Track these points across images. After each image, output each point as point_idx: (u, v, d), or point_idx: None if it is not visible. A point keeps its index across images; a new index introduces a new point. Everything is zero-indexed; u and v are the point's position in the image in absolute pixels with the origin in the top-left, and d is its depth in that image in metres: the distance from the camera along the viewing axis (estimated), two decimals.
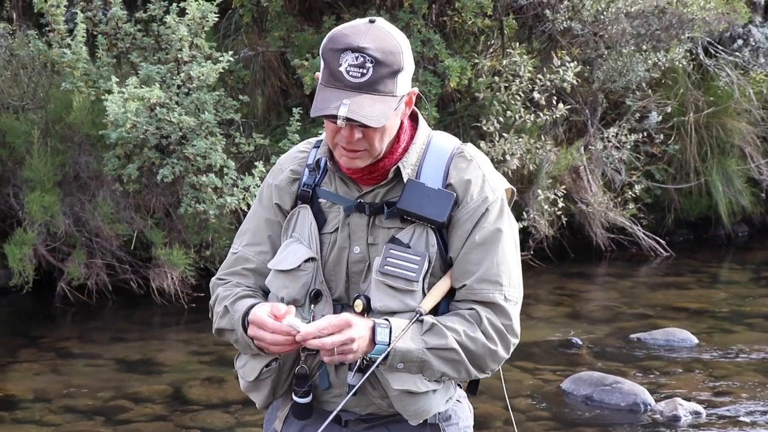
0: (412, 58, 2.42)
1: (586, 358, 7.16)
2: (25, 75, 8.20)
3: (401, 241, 2.45)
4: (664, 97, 10.34)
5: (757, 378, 6.79)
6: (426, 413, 2.49)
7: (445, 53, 8.58)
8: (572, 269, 9.70)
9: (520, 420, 5.94)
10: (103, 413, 5.99)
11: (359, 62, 2.32)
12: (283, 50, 8.82)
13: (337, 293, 2.50)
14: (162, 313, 8.00)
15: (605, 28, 9.52)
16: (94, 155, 7.96)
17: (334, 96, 2.33)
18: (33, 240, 7.75)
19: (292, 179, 2.58)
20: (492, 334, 2.44)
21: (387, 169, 2.47)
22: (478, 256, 2.46)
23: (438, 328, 2.42)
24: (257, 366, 2.53)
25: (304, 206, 2.54)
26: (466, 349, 2.42)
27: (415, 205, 2.44)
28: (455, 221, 2.47)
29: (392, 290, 2.43)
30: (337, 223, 2.51)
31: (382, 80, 2.33)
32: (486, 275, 2.45)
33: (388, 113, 2.35)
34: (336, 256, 2.50)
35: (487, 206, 2.47)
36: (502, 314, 2.46)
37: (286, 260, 2.51)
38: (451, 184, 2.48)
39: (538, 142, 9.15)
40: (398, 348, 2.37)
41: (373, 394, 2.47)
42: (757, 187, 10.94)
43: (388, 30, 2.38)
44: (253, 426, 5.74)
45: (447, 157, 2.50)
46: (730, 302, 8.77)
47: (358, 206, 2.48)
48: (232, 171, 7.71)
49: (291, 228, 2.55)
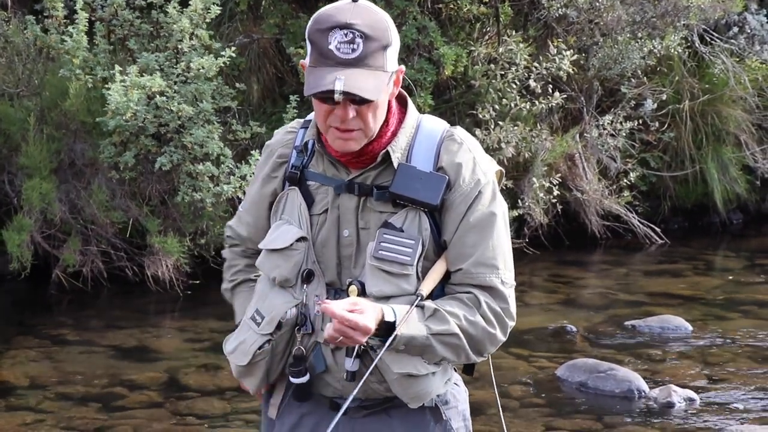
0: (397, 34, 2.42)
1: (581, 345, 7.18)
2: (20, 62, 8.18)
3: (394, 225, 2.45)
4: (660, 85, 10.34)
5: (751, 365, 6.81)
6: (426, 395, 2.49)
7: (440, 41, 8.57)
8: (567, 257, 9.71)
9: (515, 407, 5.96)
10: (98, 400, 6.00)
11: (349, 38, 2.33)
12: (278, 37, 8.81)
13: (329, 277, 2.50)
14: (157, 301, 8.00)
15: (600, 15, 9.51)
16: (90, 143, 7.95)
17: (326, 73, 2.33)
18: (30, 226, 7.75)
19: (280, 163, 2.59)
20: (491, 318, 2.46)
21: (376, 152, 2.47)
22: (473, 239, 2.47)
23: (440, 314, 2.43)
24: (250, 349, 2.52)
25: (292, 188, 2.54)
26: (467, 333, 2.44)
27: (409, 189, 2.44)
28: (448, 204, 2.47)
29: (387, 275, 2.44)
30: (326, 204, 2.51)
31: (372, 55, 2.34)
32: (482, 259, 2.47)
33: (382, 87, 2.36)
34: (325, 236, 2.50)
35: (480, 189, 2.48)
36: (499, 298, 2.48)
37: (277, 240, 2.52)
38: (442, 168, 2.48)
39: (533, 130, 9.15)
40: (403, 334, 2.38)
41: (370, 379, 2.45)
42: (752, 175, 10.95)
43: (373, 8, 2.39)
44: (248, 413, 5.75)
45: (437, 140, 2.50)
46: (725, 289, 8.79)
47: (348, 186, 2.48)
48: (228, 159, 7.71)
49: (280, 210, 2.55)
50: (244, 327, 2.57)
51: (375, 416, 2.54)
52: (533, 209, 9.29)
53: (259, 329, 2.52)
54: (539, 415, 5.91)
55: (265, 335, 2.51)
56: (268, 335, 2.51)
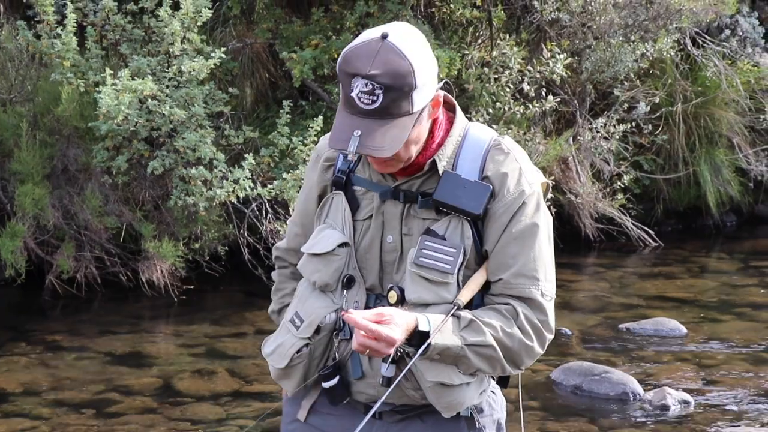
0: (429, 67, 2.37)
1: (576, 348, 7.19)
2: (13, 68, 8.16)
3: (436, 232, 2.44)
4: (652, 88, 10.36)
5: (745, 367, 6.82)
6: (459, 405, 2.48)
7: (433, 44, 8.57)
8: (561, 260, 9.56)
9: (510, 410, 5.94)
10: (92, 406, 5.98)
11: (369, 89, 2.30)
12: (271, 42, 8.81)
13: (370, 282, 2.50)
14: (151, 306, 7.99)
15: (593, 19, 9.52)
16: (83, 148, 7.94)
17: (346, 124, 2.33)
18: (23, 232, 7.74)
19: (327, 166, 2.58)
20: (528, 330, 2.45)
21: (421, 163, 2.47)
22: (514, 249, 2.45)
23: (476, 324, 2.41)
24: (288, 352, 2.52)
25: (337, 192, 2.54)
26: (503, 345, 2.43)
27: (452, 197, 2.43)
28: (491, 214, 2.45)
29: (427, 282, 2.43)
30: (371, 210, 2.50)
31: (394, 104, 2.32)
32: (523, 270, 2.45)
33: (403, 137, 2.34)
34: (368, 243, 2.50)
35: (524, 199, 2.46)
36: (538, 310, 2.46)
37: (319, 244, 2.52)
38: (487, 177, 2.46)
39: (527, 134, 9.15)
40: (437, 343, 2.37)
41: (405, 386, 2.46)
42: (745, 177, 10.96)
43: (400, 48, 2.33)
44: (243, 418, 5.74)
45: (484, 149, 2.49)
46: (719, 292, 8.80)
47: (394, 192, 2.47)
48: (221, 164, 7.71)
49: (324, 214, 2.56)
50: (283, 329, 2.58)
51: (409, 421, 2.54)
52: None
53: (297, 333, 2.53)
54: (534, 419, 5.91)
55: (303, 339, 2.51)
56: (306, 339, 2.51)
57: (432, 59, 2.40)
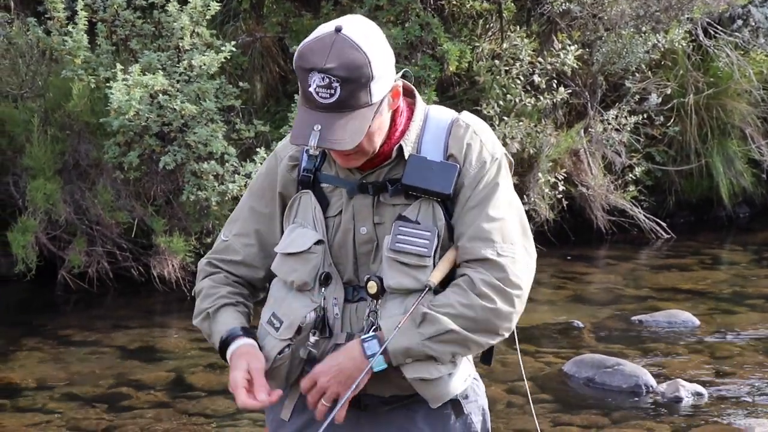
0: (385, 58, 2.37)
1: (588, 341, 7.17)
2: (24, 63, 8.18)
3: (408, 217, 2.44)
4: (664, 79, 10.31)
5: (759, 359, 6.79)
6: (445, 396, 2.49)
7: (443, 37, 8.55)
8: (573, 252, 9.70)
9: (522, 403, 5.95)
10: (105, 400, 6.00)
11: (326, 83, 2.30)
12: (281, 36, 8.80)
13: (347, 276, 2.50)
14: (163, 301, 8.00)
15: (604, 10, 9.49)
16: (94, 143, 7.95)
17: (306, 119, 2.33)
18: (35, 227, 7.76)
19: (291, 166, 2.57)
20: (487, 293, 2.41)
21: (387, 152, 2.47)
22: (472, 215, 2.45)
23: (431, 316, 2.41)
24: (270, 354, 2.51)
25: (305, 191, 2.53)
26: (465, 319, 2.40)
27: (420, 179, 2.43)
28: (457, 190, 2.46)
29: (405, 267, 2.42)
30: (341, 206, 2.50)
31: (352, 96, 2.32)
32: (477, 233, 2.44)
33: (363, 128, 2.34)
34: (341, 238, 2.49)
35: (486, 170, 2.46)
36: (494, 268, 2.42)
37: (294, 243, 2.51)
38: (452, 155, 2.47)
39: (538, 126, 9.13)
40: (396, 349, 2.39)
41: (393, 374, 2.46)
42: (758, 168, 10.91)
43: (354, 40, 2.32)
44: (254, 412, 5.73)
45: (445, 128, 2.49)
46: (732, 283, 8.77)
47: (361, 187, 2.47)
48: (233, 158, 7.71)
49: (293, 214, 2.54)
50: (261, 332, 2.56)
51: (398, 410, 2.54)
52: (538, 205, 9.27)
53: (278, 334, 2.52)
54: (546, 411, 5.90)
55: (284, 340, 2.51)
56: (287, 340, 2.50)
57: (388, 50, 2.39)
